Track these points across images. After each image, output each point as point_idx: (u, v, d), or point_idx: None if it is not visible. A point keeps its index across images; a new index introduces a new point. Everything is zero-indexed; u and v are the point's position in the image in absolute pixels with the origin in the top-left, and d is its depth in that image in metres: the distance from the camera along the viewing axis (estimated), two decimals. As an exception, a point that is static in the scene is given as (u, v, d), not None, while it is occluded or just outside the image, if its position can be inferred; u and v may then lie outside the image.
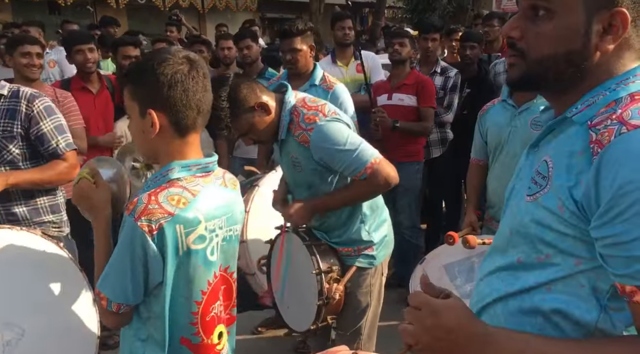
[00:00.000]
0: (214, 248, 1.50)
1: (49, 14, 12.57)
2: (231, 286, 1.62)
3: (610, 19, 0.96)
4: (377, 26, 11.45)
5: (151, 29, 9.63)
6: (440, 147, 4.43)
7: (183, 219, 1.41)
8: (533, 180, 1.03)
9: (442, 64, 4.51)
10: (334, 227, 2.37)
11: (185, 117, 1.46)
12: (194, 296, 1.49)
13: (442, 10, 17.41)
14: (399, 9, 19.16)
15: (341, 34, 4.66)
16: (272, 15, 17.93)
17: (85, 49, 3.88)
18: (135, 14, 14.01)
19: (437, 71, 4.43)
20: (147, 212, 1.37)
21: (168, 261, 1.40)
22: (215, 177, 1.56)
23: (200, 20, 16.08)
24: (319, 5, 14.25)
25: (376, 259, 2.39)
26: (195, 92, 1.45)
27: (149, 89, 1.44)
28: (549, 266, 1.00)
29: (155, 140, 1.47)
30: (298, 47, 3.30)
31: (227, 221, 1.55)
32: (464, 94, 4.51)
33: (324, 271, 2.26)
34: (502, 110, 2.88)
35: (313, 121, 2.16)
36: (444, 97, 4.35)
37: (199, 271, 1.48)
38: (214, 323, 1.54)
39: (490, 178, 2.94)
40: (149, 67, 1.44)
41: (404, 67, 4.13)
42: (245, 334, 3.74)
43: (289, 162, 2.32)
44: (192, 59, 1.47)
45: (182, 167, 1.47)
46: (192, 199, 1.44)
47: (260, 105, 2.19)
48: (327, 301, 2.25)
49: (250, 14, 17.06)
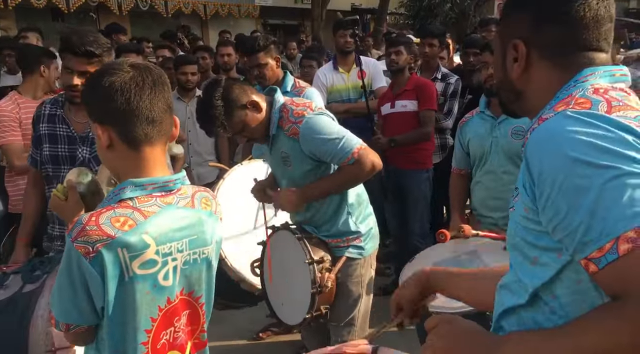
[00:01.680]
0: (168, 273, 1.40)
1: (52, 21, 12.63)
2: (197, 311, 1.52)
3: (514, 49, 1.12)
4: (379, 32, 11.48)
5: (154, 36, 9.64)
6: (440, 154, 4.43)
7: (125, 243, 1.30)
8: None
9: (443, 70, 4.53)
10: (323, 221, 2.50)
11: (132, 129, 1.36)
12: (143, 324, 1.39)
13: (444, 17, 17.45)
14: (401, 15, 19.21)
15: (342, 42, 4.70)
16: (274, 21, 17.98)
17: None
18: (137, 20, 14.06)
19: (437, 77, 4.45)
20: (83, 234, 1.28)
21: (109, 286, 1.31)
22: (179, 196, 1.45)
23: (202, 26, 16.13)
24: (320, 12, 14.30)
25: (365, 250, 2.52)
26: (140, 100, 1.35)
27: (93, 103, 1.40)
28: (541, 268, 1.02)
29: (111, 156, 1.42)
30: (263, 61, 3.52)
31: (190, 243, 1.44)
32: (465, 100, 4.52)
33: (316, 261, 2.37)
34: (481, 121, 2.96)
35: (302, 115, 2.34)
36: (444, 104, 4.37)
37: (147, 298, 1.37)
38: (165, 350, 1.45)
39: (475, 188, 3.01)
40: (92, 81, 1.39)
41: (402, 75, 4.14)
42: (245, 339, 3.74)
43: (278, 158, 2.45)
44: (139, 68, 1.39)
45: (135, 186, 1.37)
46: (141, 221, 1.34)
47: (252, 103, 2.37)
48: (320, 289, 2.35)
49: (253, 20, 17.12)
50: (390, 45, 4.24)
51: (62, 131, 2.53)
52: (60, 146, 2.53)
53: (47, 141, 2.52)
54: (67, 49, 2.33)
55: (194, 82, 4.47)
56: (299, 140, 2.32)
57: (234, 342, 3.73)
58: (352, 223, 2.49)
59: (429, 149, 4.22)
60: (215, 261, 1.56)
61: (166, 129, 1.43)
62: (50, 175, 2.53)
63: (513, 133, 2.77)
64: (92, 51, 2.31)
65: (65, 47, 2.35)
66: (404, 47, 4.13)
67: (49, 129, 2.53)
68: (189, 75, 4.41)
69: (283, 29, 17.13)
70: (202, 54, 5.46)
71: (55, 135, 2.53)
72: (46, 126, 2.54)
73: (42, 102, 2.69)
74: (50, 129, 2.53)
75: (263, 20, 17.65)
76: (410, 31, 11.70)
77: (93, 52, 2.32)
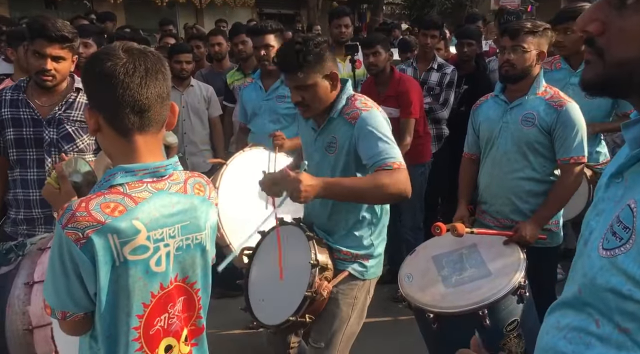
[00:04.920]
0: (160, 258, 1.39)
1: (46, 9, 12.53)
2: (192, 297, 1.51)
3: None
4: (375, 22, 11.45)
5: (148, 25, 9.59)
6: (436, 144, 4.43)
7: (115, 229, 1.29)
8: (611, 230, 0.82)
9: (439, 60, 4.51)
10: (341, 226, 2.35)
11: (120, 117, 1.33)
12: (135, 310, 1.38)
13: (440, 7, 17.43)
14: (397, 5, 19.17)
15: (337, 32, 4.68)
16: (270, 11, 17.89)
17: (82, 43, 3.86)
18: (132, 8, 13.96)
19: (433, 67, 4.43)
20: (74, 220, 1.27)
21: (101, 272, 1.30)
22: (171, 182, 1.43)
23: (198, 15, 16.04)
24: (317, 1, 14.25)
25: (368, 271, 2.38)
26: (128, 88, 1.31)
27: (85, 87, 1.40)
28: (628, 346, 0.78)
29: (103, 142, 1.41)
30: (272, 43, 3.52)
31: (183, 229, 1.43)
32: (461, 90, 4.51)
33: (320, 266, 2.25)
34: (494, 105, 2.88)
35: (369, 107, 2.27)
36: (440, 94, 4.36)
37: (140, 283, 1.36)
38: (159, 337, 1.44)
39: (481, 174, 2.95)
40: (86, 65, 1.37)
41: (384, 74, 4.01)
42: (240, 328, 3.74)
43: (323, 143, 2.33)
44: (133, 53, 1.34)
45: (126, 172, 1.36)
46: (131, 207, 1.33)
47: (334, 75, 2.26)
48: (314, 295, 2.23)
49: (249, 9, 17.03)
50: (367, 46, 3.98)
51: (25, 114, 2.59)
52: (25, 129, 2.59)
53: (10, 125, 2.59)
54: (42, 35, 2.45)
55: (188, 70, 4.44)
56: (355, 125, 2.20)
57: (229, 331, 3.73)
58: (368, 239, 2.36)
59: (424, 143, 4.17)
60: (210, 246, 1.54)
61: (160, 116, 1.40)
62: (15, 159, 2.61)
63: (523, 120, 2.70)
64: (66, 36, 2.47)
65: (40, 33, 2.45)
66: (380, 46, 3.93)
67: (12, 113, 2.60)
68: (183, 64, 4.38)
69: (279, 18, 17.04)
70: (196, 42, 5.42)
71: (19, 119, 2.59)
72: (8, 110, 2.60)
73: (1, 89, 2.76)
74: (14, 113, 2.59)
75: (259, 9, 17.56)
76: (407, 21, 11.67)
77: (67, 37, 2.47)
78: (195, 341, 1.54)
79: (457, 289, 2.35)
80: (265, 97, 3.59)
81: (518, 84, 2.73)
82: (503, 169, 2.79)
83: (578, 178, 2.66)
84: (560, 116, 2.63)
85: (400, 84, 3.95)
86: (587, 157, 2.69)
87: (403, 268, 2.57)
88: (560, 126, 2.63)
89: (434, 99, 4.34)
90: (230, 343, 3.63)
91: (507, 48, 2.69)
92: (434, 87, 4.35)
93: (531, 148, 2.72)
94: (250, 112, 3.65)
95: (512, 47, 2.67)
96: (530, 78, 2.72)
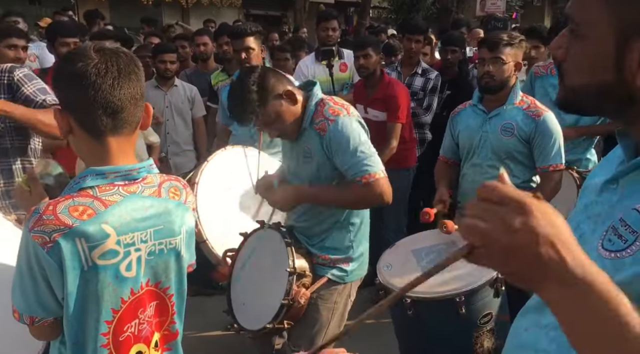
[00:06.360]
0: (131, 263, 1.36)
1: (29, 4, 12.38)
2: (165, 302, 1.48)
3: None
4: (362, 26, 11.49)
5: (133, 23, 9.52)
6: (419, 148, 4.46)
7: (83, 233, 1.26)
8: (615, 231, 0.84)
9: (424, 65, 4.55)
10: (319, 229, 2.36)
11: (91, 119, 1.31)
12: (104, 315, 1.35)
13: (426, 12, 17.53)
14: (384, 9, 19.23)
15: (324, 35, 4.69)
16: (256, 12, 17.86)
17: (70, 43, 3.81)
18: (117, 6, 13.86)
19: (418, 72, 4.46)
20: (40, 223, 1.24)
21: (68, 277, 1.27)
22: (145, 185, 1.40)
23: (184, 15, 15.96)
24: (304, 3, 14.27)
25: (348, 275, 2.38)
26: (99, 89, 1.28)
27: (57, 89, 1.37)
28: None
29: (74, 142, 1.38)
30: (252, 46, 3.51)
31: (155, 233, 1.40)
32: (444, 95, 4.55)
33: (298, 273, 2.25)
34: (473, 114, 2.96)
35: (337, 113, 2.20)
36: (423, 98, 4.39)
37: (109, 289, 1.34)
38: (130, 343, 1.41)
39: (462, 180, 3.01)
40: (59, 65, 1.36)
41: (374, 77, 4.02)
42: (220, 330, 3.71)
43: (300, 152, 2.32)
44: (105, 54, 1.31)
45: (96, 174, 1.33)
46: (101, 210, 1.30)
47: (288, 93, 2.22)
48: (291, 303, 2.23)
49: (235, 10, 16.98)
50: (358, 48, 4.00)
51: None
52: None
53: None
54: None
55: (172, 70, 4.43)
56: (324, 137, 2.19)
57: (208, 333, 3.71)
58: (347, 241, 2.36)
59: (410, 148, 4.19)
60: (186, 251, 1.51)
61: (134, 118, 1.37)
62: None
63: (503, 130, 2.78)
64: None
65: None
66: (371, 48, 3.94)
67: None
68: (167, 64, 4.36)
69: (266, 19, 17.01)
70: (182, 42, 5.41)
71: None
72: None
73: None
74: None
75: (245, 10, 17.52)
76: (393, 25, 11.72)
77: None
78: (168, 346, 1.52)
79: (436, 277, 2.39)
80: None
81: (496, 95, 2.80)
82: (484, 176, 2.85)
83: (557, 184, 2.75)
84: (538, 125, 2.72)
85: (389, 87, 3.98)
86: (577, 163, 2.76)
87: (382, 259, 2.61)
88: (539, 136, 2.72)
89: (418, 104, 4.37)
90: (208, 345, 3.61)
91: (487, 60, 2.76)
92: (417, 92, 4.38)
93: (511, 157, 2.81)
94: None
95: (491, 59, 2.74)
96: (508, 88, 2.80)
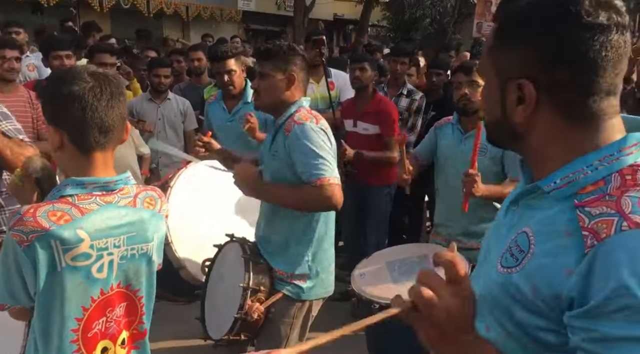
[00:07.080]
0: (103, 266, 1.49)
1: (31, 14, 12.55)
2: (135, 303, 1.61)
3: (518, 89, 0.93)
4: (360, 43, 11.67)
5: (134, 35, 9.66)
6: (402, 167, 4.57)
7: (58, 236, 1.39)
8: (510, 251, 0.95)
9: (409, 86, 4.69)
10: (278, 246, 2.40)
11: (85, 137, 1.45)
12: (74, 313, 1.48)
13: (424, 31, 17.78)
14: (382, 28, 19.49)
15: (312, 54, 4.83)
16: (256, 27, 18.08)
17: (62, 56, 3.94)
18: (118, 18, 14.03)
19: (403, 93, 4.60)
20: (20, 224, 1.38)
21: (40, 275, 1.41)
22: (121, 196, 1.54)
23: (184, 28, 16.16)
24: (302, 20, 14.48)
25: (305, 293, 2.39)
26: (96, 110, 1.43)
27: (49, 106, 1.50)
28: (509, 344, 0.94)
29: (60, 156, 1.51)
30: (233, 68, 3.63)
31: (128, 240, 1.54)
32: (428, 116, 4.69)
33: (252, 288, 2.31)
34: (452, 132, 3.07)
35: (305, 119, 2.29)
36: (408, 119, 4.53)
37: (80, 287, 1.47)
38: (97, 339, 1.53)
39: (437, 199, 3.12)
40: (52, 84, 1.48)
41: (366, 91, 4.18)
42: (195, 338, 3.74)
43: (271, 151, 2.40)
44: (99, 78, 1.46)
45: (77, 184, 1.47)
46: (78, 217, 1.43)
47: (292, 76, 2.32)
48: (245, 317, 2.30)
49: (235, 25, 17.20)
50: (355, 61, 4.22)
51: None
52: None
53: None
54: None
55: (166, 84, 4.54)
56: (288, 137, 2.27)
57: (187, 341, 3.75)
58: (305, 257, 2.37)
59: (391, 166, 4.28)
60: (157, 256, 1.65)
61: (119, 135, 1.53)
62: None
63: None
64: None
65: None
66: (368, 63, 4.14)
67: None
68: (162, 78, 4.48)
69: (265, 34, 17.23)
70: (177, 57, 5.55)
71: None
72: None
73: None
74: None
75: (245, 25, 17.74)
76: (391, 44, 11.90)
77: None
78: (137, 345, 1.65)
79: (406, 285, 2.52)
80: (229, 118, 3.73)
81: (473, 116, 2.91)
82: (457, 193, 2.94)
83: None
84: None
85: (381, 104, 4.16)
86: None
87: (357, 268, 2.76)
88: (509, 153, 2.80)
89: (402, 124, 4.50)
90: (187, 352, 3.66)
91: (463, 83, 2.88)
92: (402, 112, 4.51)
93: (484, 176, 2.87)
94: (215, 130, 3.74)
95: (467, 83, 2.87)
96: None
